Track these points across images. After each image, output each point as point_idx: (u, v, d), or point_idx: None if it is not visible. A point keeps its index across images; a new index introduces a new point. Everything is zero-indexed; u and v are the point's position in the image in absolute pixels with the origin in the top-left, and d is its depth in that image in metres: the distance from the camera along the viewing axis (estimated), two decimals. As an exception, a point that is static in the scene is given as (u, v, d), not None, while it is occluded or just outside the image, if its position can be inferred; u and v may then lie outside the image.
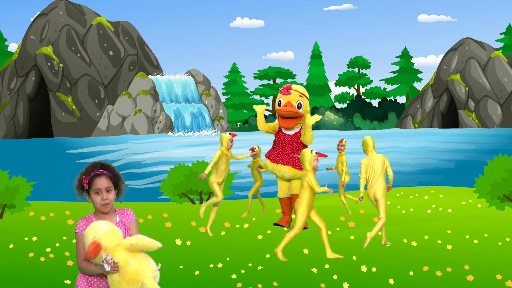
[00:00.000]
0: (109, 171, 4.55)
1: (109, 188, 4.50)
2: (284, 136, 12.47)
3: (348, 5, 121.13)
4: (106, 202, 4.47)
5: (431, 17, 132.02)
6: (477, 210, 14.46)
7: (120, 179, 4.59)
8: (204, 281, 8.22)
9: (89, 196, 4.52)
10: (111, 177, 4.53)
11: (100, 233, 4.31)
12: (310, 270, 8.61)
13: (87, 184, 4.49)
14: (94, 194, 4.49)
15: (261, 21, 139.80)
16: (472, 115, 56.05)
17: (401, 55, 78.75)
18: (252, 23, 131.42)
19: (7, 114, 52.25)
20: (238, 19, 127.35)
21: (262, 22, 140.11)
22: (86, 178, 4.51)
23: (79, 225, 4.48)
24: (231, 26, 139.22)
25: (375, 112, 68.10)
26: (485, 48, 58.30)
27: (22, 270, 8.88)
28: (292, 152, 12.39)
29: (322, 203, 15.83)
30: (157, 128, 50.54)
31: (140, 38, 55.65)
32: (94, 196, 4.49)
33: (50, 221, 13.43)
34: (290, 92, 12.29)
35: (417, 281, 8.08)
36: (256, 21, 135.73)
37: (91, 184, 4.49)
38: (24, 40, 53.08)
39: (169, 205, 16.30)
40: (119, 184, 4.57)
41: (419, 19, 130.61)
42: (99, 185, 4.48)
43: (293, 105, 12.18)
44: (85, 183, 4.50)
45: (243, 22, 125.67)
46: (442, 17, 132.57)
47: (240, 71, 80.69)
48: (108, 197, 4.48)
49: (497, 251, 9.84)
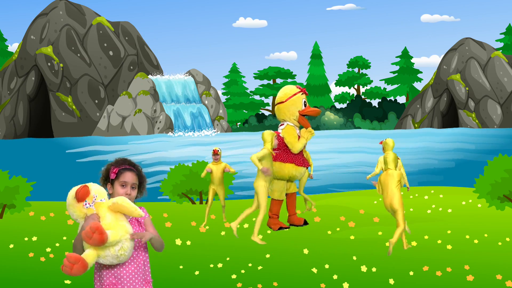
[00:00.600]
0: (137, 170, 4.60)
1: (134, 185, 4.55)
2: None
3: (351, 5, 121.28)
4: (129, 196, 4.49)
5: (434, 17, 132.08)
6: (477, 210, 14.46)
7: (145, 181, 4.65)
8: (204, 281, 8.22)
9: (112, 187, 4.52)
10: (139, 176, 4.57)
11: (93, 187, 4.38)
12: (310, 270, 8.61)
13: (115, 174, 4.50)
14: (119, 186, 4.50)
15: (264, 21, 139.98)
16: (472, 115, 56.05)
17: (401, 55, 78.77)
18: (255, 23, 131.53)
19: (7, 114, 52.26)
20: (241, 19, 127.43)
21: (265, 22, 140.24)
22: (116, 168, 4.52)
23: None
24: (234, 26, 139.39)
25: (375, 112, 68.10)
26: (485, 48, 58.31)
27: (22, 270, 8.88)
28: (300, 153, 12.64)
29: (323, 203, 15.82)
30: (157, 128, 50.54)
31: (140, 38, 55.66)
32: (118, 187, 4.50)
33: (50, 221, 13.43)
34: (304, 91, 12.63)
35: (417, 281, 8.08)
36: (259, 21, 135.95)
37: (119, 175, 4.52)
38: (24, 40, 53.08)
39: (169, 205, 16.30)
40: (143, 185, 4.61)
41: (422, 19, 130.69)
42: (127, 178, 4.52)
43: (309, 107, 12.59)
44: (114, 172, 4.51)
45: (246, 22, 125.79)
46: (445, 17, 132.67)
47: (240, 71, 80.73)
48: (131, 193, 4.52)
49: (497, 251, 9.84)
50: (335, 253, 9.78)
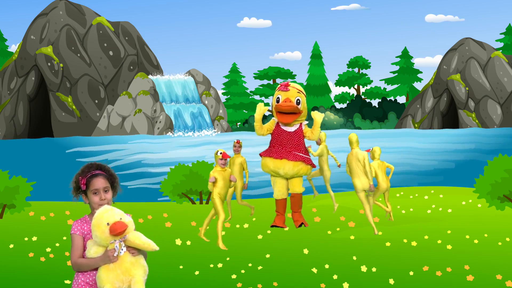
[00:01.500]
0: (105, 171, 4.57)
1: (106, 188, 4.51)
2: (284, 133, 12.44)
3: (355, 5, 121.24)
4: (104, 202, 4.48)
5: (438, 17, 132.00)
6: (477, 210, 14.46)
7: (116, 179, 4.62)
8: (204, 281, 8.21)
9: (86, 197, 4.53)
10: (108, 177, 4.55)
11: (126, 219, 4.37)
12: (310, 270, 8.60)
13: (84, 185, 4.50)
14: (92, 194, 4.50)
15: (269, 21, 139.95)
16: (472, 115, 56.05)
17: (401, 55, 78.75)
18: (259, 23, 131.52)
19: (7, 114, 52.25)
20: (246, 19, 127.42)
21: (270, 22, 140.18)
22: (83, 179, 4.51)
23: (75, 227, 4.49)
24: (238, 26, 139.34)
25: (375, 112, 68.09)
26: (485, 48, 58.30)
27: (22, 270, 8.88)
28: (294, 149, 12.41)
29: (322, 203, 15.82)
30: (157, 128, 50.53)
31: (140, 38, 55.66)
32: (92, 196, 4.50)
33: (50, 221, 13.43)
34: (288, 89, 12.34)
35: (417, 281, 8.08)
36: (264, 21, 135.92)
37: (89, 184, 4.50)
38: (24, 40, 53.08)
39: (169, 205, 16.29)
40: (115, 185, 4.58)
41: (427, 19, 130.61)
42: (96, 185, 4.49)
43: (292, 101, 12.22)
44: (82, 183, 4.50)
45: (251, 22, 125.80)
46: (449, 17, 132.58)
47: (240, 71, 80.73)
48: (106, 197, 4.50)
49: (497, 251, 9.84)
50: (335, 253, 9.77)
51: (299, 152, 12.47)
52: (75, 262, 4.44)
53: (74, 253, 4.46)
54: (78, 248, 4.46)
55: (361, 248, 10.04)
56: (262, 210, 14.38)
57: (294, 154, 12.37)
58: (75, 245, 4.46)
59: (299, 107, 12.27)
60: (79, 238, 4.46)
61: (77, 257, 4.45)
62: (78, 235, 4.47)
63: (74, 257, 4.46)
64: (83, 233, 4.47)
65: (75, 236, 4.48)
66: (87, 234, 4.46)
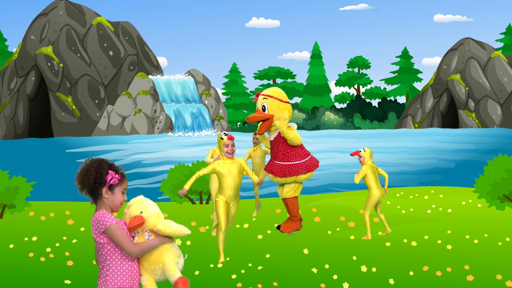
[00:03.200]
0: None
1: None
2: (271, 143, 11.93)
3: (364, 5, 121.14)
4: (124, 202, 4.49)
5: (447, 17, 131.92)
6: (477, 210, 14.46)
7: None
8: (204, 281, 8.21)
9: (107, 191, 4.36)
10: None
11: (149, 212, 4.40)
12: (310, 270, 8.60)
13: (118, 181, 4.40)
14: (119, 192, 4.41)
15: (277, 21, 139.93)
16: (472, 115, 56.04)
17: (401, 55, 78.74)
18: (268, 23, 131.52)
19: (7, 114, 52.24)
20: (254, 19, 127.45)
21: (278, 22, 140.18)
22: (118, 175, 4.40)
23: (107, 217, 4.30)
24: (247, 26, 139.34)
25: (375, 112, 68.08)
26: (485, 48, 58.29)
27: (22, 270, 8.88)
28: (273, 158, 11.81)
29: (323, 203, 15.82)
30: (157, 128, 50.53)
31: (140, 38, 55.65)
32: (119, 194, 4.40)
33: (50, 221, 13.43)
34: (256, 99, 11.77)
35: (417, 281, 8.08)
36: (272, 21, 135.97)
37: (122, 182, 4.43)
38: (24, 40, 53.08)
39: (169, 205, 16.30)
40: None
41: (435, 19, 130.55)
42: (126, 184, 4.46)
43: (259, 110, 11.62)
44: (116, 178, 4.38)
45: (259, 22, 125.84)
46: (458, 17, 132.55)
47: (240, 71, 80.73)
48: (125, 199, 4.51)
49: (497, 251, 9.84)
50: (335, 253, 9.77)
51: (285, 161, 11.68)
52: (133, 251, 4.28)
53: (127, 242, 4.27)
54: (126, 235, 4.30)
55: (361, 248, 10.05)
56: (262, 210, 14.37)
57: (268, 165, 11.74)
58: (122, 234, 4.28)
59: (265, 113, 11.20)
60: (118, 226, 4.29)
61: (133, 244, 4.29)
62: (116, 224, 4.29)
63: (130, 245, 4.28)
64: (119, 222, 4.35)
65: (115, 226, 4.28)
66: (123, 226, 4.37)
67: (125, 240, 4.28)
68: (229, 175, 8.58)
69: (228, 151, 8.28)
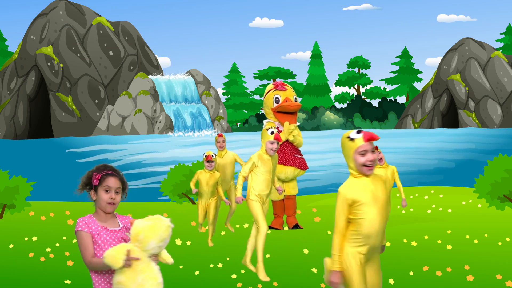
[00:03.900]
0: (120, 175, 4.61)
1: (118, 189, 4.53)
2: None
3: (367, 5, 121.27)
4: (113, 201, 4.48)
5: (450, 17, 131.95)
6: (477, 210, 14.46)
7: (127, 185, 4.64)
8: (204, 281, 8.21)
9: (94, 193, 4.49)
10: (121, 180, 4.57)
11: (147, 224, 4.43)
12: (310, 270, 8.60)
13: (98, 181, 4.49)
14: (103, 191, 4.47)
15: (281, 21, 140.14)
16: (472, 115, 56.04)
17: (401, 55, 78.75)
18: (271, 23, 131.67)
19: (7, 114, 52.25)
20: (257, 19, 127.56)
21: (282, 22, 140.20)
22: (98, 175, 4.51)
23: (80, 224, 4.43)
24: (250, 26, 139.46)
25: (375, 112, 68.09)
26: (485, 48, 58.29)
27: (22, 270, 8.88)
28: (294, 152, 12.25)
29: (323, 203, 15.82)
30: (157, 128, 50.53)
31: (140, 38, 55.65)
32: (102, 193, 4.47)
33: (50, 221, 13.43)
34: (286, 88, 12.15)
35: (417, 281, 8.07)
36: (276, 21, 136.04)
37: (102, 181, 4.49)
38: (24, 40, 53.08)
39: (169, 205, 16.29)
40: (125, 190, 4.60)
41: (439, 19, 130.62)
42: (110, 183, 4.49)
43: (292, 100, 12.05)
44: (96, 179, 4.49)
45: (263, 22, 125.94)
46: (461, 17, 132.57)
47: (240, 71, 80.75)
48: (116, 198, 4.50)
49: (497, 251, 9.84)
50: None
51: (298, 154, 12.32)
52: (90, 262, 4.34)
53: (86, 253, 4.35)
54: (88, 246, 4.36)
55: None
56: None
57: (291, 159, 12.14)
58: (85, 243, 4.36)
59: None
60: (87, 235, 4.37)
61: (90, 256, 4.34)
62: (86, 232, 4.38)
63: (87, 256, 4.35)
64: (91, 231, 4.39)
65: (83, 234, 4.37)
66: (96, 234, 4.40)
67: (84, 251, 4.36)
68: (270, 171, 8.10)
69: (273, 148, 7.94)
